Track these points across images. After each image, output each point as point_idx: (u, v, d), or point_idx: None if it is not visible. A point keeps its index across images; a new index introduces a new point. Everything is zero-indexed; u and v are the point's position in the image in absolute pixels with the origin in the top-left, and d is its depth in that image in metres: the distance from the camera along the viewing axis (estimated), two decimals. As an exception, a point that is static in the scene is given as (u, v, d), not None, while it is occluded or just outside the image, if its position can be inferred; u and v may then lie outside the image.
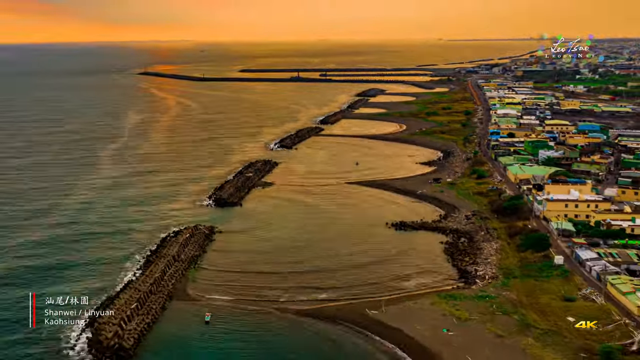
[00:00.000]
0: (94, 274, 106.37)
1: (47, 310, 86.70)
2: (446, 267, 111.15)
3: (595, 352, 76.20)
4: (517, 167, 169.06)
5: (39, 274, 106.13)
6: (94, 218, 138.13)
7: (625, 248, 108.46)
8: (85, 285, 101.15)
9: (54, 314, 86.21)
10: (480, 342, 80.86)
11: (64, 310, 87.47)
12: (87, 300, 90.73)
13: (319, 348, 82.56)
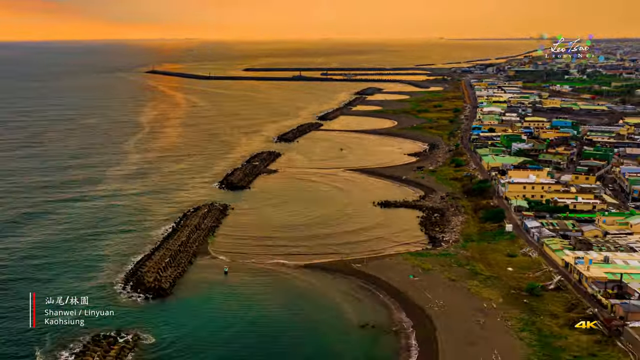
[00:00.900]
0: (132, 238, 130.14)
1: (100, 262, 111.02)
2: (419, 235, 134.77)
3: (523, 289, 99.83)
4: (490, 157, 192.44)
5: (88, 238, 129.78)
6: (127, 198, 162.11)
7: (566, 219, 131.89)
8: (126, 245, 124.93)
9: (104, 265, 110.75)
10: (437, 284, 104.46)
11: (110, 263, 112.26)
12: (130, 258, 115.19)
13: (314, 288, 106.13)
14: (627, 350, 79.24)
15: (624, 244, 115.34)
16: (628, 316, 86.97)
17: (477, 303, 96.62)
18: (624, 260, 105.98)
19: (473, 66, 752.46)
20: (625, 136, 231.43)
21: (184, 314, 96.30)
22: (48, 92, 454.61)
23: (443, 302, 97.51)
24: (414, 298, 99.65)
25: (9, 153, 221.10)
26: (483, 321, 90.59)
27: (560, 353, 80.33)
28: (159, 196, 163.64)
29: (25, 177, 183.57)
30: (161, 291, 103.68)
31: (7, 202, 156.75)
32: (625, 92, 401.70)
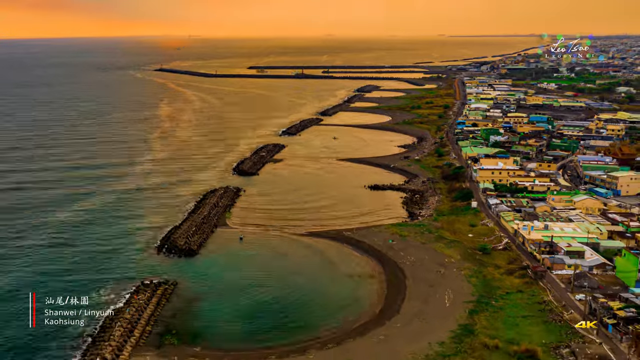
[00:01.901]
0: (163, 213, 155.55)
1: (142, 231, 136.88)
2: (401, 211, 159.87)
3: (477, 249, 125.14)
4: (469, 148, 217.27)
5: (129, 214, 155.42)
6: (154, 182, 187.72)
7: (523, 198, 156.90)
8: (159, 219, 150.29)
9: (145, 233, 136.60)
10: (410, 246, 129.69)
11: (149, 232, 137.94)
12: (164, 228, 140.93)
13: (312, 249, 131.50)
14: (546, 288, 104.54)
15: (565, 216, 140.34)
16: (553, 266, 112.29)
17: (440, 259, 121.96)
18: (560, 227, 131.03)
19: (469, 64, 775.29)
20: (593, 130, 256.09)
21: (209, 267, 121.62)
22: (77, 89, 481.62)
23: (414, 258, 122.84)
24: (391, 256, 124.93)
25: (60, 141, 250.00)
26: (443, 271, 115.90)
27: (496, 290, 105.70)
28: (181, 181, 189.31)
29: (72, 163, 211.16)
30: (191, 251, 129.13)
31: (63, 184, 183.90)
32: (606, 89, 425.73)
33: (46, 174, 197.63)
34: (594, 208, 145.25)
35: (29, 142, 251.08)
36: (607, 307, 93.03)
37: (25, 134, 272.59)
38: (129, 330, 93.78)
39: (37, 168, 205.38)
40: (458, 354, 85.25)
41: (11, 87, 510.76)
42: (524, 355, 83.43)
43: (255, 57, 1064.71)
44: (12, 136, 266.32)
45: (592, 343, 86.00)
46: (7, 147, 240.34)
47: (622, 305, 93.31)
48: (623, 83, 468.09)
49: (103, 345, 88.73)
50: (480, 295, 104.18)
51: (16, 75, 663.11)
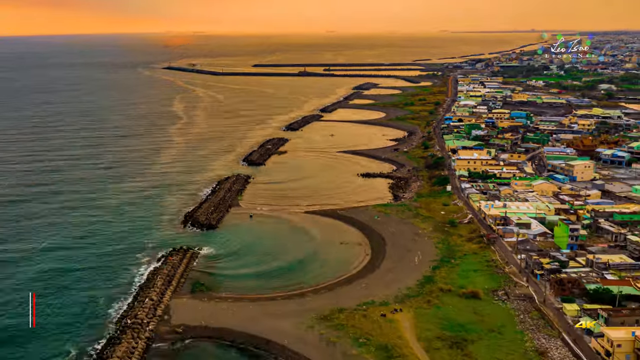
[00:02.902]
0: (185, 196, 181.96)
1: (169, 210, 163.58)
2: (388, 194, 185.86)
3: (444, 222, 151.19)
4: (451, 141, 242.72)
5: (156, 196, 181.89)
6: (176, 170, 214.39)
7: (490, 183, 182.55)
8: (182, 201, 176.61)
9: (172, 211, 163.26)
10: (391, 221, 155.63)
11: (175, 210, 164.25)
12: (186, 208, 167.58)
13: (311, 224, 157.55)
14: (495, 251, 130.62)
15: (523, 197, 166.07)
16: (504, 235, 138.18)
17: (415, 230, 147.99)
18: (517, 206, 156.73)
19: (465, 62, 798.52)
20: (566, 125, 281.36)
21: (226, 238, 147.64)
22: (98, 85, 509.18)
23: (394, 230, 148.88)
24: (375, 228, 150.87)
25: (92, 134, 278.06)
26: (417, 239, 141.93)
27: (456, 252, 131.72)
28: (199, 169, 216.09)
29: (109, 154, 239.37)
30: (211, 226, 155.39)
31: (105, 172, 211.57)
32: (589, 87, 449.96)
33: (97, 164, 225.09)
34: (548, 191, 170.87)
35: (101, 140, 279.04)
36: (539, 262, 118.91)
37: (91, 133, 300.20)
38: (167, 281, 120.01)
39: (90, 154, 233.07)
40: (419, 295, 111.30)
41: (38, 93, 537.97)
42: (469, 295, 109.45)
43: (259, 55, 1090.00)
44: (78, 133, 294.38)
45: (521, 287, 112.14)
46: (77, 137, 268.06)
47: (549, 261, 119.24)
48: (607, 81, 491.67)
49: (149, 291, 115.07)
50: (443, 256, 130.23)
51: (36, 78, 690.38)
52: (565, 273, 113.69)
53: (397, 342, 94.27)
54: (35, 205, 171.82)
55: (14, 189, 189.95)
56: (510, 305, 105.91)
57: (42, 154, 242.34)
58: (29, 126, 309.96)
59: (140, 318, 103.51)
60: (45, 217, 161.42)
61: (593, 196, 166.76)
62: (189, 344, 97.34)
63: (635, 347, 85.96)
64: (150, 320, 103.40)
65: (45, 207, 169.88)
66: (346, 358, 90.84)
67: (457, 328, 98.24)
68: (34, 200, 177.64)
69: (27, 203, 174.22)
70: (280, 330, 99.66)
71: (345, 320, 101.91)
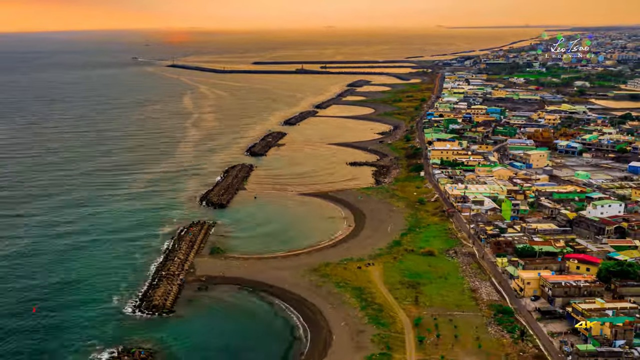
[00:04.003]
0: (199, 181, 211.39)
1: (184, 191, 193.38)
2: (371, 180, 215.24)
3: (415, 201, 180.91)
4: (430, 134, 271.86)
5: (174, 179, 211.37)
6: (189, 160, 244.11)
7: (458, 169, 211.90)
8: (196, 185, 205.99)
9: (187, 193, 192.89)
10: (372, 201, 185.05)
11: (190, 192, 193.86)
12: (200, 191, 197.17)
13: (304, 203, 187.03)
14: (452, 222, 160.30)
15: (483, 181, 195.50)
16: (462, 210, 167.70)
17: (391, 207, 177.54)
18: (476, 188, 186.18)
19: (455, 59, 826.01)
20: (534, 119, 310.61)
21: (235, 214, 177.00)
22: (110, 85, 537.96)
23: (373, 207, 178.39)
24: (358, 206, 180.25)
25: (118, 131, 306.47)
26: (391, 214, 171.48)
27: (421, 223, 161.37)
28: (208, 159, 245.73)
29: (128, 147, 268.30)
30: (222, 205, 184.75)
31: (122, 158, 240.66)
32: (565, 83, 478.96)
33: (120, 154, 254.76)
34: (505, 175, 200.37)
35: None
36: (484, 229, 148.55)
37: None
38: (190, 245, 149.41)
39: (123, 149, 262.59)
40: (388, 254, 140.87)
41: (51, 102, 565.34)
42: (426, 253, 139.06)
43: (259, 52, 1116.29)
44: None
45: (468, 247, 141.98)
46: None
47: (492, 228, 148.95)
48: (583, 78, 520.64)
49: (177, 252, 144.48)
50: (410, 226, 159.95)
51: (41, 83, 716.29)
52: (502, 237, 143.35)
53: (368, 285, 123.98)
54: (81, 186, 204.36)
55: (69, 176, 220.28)
56: (457, 260, 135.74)
57: (75, 148, 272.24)
58: (68, 125, 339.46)
59: (172, 271, 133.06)
60: (90, 193, 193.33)
61: (542, 180, 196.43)
62: (211, 288, 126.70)
63: (540, 284, 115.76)
64: (180, 272, 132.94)
65: (88, 187, 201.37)
66: (329, 295, 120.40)
67: (414, 275, 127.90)
68: (83, 184, 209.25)
69: (76, 182, 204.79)
70: (281, 278, 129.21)
71: (329, 271, 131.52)
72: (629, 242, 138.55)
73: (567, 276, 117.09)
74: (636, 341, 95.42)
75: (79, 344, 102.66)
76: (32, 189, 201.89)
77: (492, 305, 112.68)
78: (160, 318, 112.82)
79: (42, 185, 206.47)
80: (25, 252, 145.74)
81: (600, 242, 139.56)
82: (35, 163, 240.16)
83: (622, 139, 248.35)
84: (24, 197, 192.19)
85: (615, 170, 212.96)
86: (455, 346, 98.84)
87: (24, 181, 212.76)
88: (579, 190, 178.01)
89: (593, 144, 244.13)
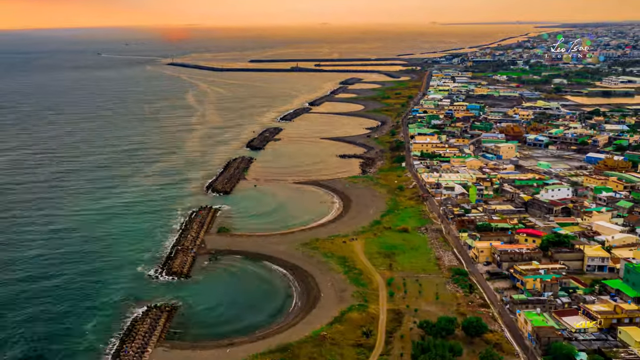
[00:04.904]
0: (204, 171, 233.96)
1: (192, 181, 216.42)
2: (358, 170, 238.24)
3: (395, 187, 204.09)
4: (413, 129, 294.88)
5: (183, 169, 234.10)
6: (193, 153, 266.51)
7: (435, 160, 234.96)
8: (203, 174, 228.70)
9: (195, 182, 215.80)
10: (358, 187, 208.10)
11: (198, 181, 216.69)
12: (207, 180, 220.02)
13: (299, 190, 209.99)
14: (426, 205, 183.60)
15: (456, 170, 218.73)
16: (435, 195, 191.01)
17: (373, 193, 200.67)
18: (449, 176, 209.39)
19: (443, 56, 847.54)
20: (510, 115, 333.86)
21: (238, 200, 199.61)
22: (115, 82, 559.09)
23: (359, 193, 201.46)
24: (345, 192, 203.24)
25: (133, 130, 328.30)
26: (374, 199, 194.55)
27: (399, 206, 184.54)
28: (212, 153, 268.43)
29: (140, 144, 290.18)
30: (226, 192, 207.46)
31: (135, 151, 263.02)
32: (544, 81, 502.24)
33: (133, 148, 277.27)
34: (476, 165, 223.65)
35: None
36: (451, 210, 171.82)
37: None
38: (200, 225, 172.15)
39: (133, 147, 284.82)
40: (369, 231, 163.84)
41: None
42: (401, 230, 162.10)
43: (255, 50, 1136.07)
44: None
45: (437, 225, 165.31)
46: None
47: (458, 209, 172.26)
48: (563, 75, 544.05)
49: (189, 230, 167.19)
50: (390, 209, 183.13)
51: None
52: (467, 216, 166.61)
53: (351, 255, 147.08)
54: (103, 172, 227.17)
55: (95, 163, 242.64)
56: (427, 235, 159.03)
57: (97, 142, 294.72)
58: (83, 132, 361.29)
59: (187, 245, 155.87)
60: (112, 180, 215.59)
61: (508, 169, 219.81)
62: (220, 259, 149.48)
63: (491, 252, 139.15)
64: (193, 246, 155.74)
65: (110, 174, 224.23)
66: (319, 263, 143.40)
67: (390, 247, 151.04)
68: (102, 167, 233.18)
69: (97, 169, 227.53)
70: (278, 250, 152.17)
71: (319, 244, 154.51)
72: (572, 220, 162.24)
73: (514, 245, 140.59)
74: (561, 293, 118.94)
75: (118, 300, 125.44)
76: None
77: (451, 269, 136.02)
78: (179, 281, 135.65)
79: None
80: (70, 227, 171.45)
81: (548, 220, 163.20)
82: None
83: (585, 133, 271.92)
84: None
85: (575, 160, 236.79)
86: (419, 299, 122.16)
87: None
88: (538, 178, 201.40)
89: (559, 138, 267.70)
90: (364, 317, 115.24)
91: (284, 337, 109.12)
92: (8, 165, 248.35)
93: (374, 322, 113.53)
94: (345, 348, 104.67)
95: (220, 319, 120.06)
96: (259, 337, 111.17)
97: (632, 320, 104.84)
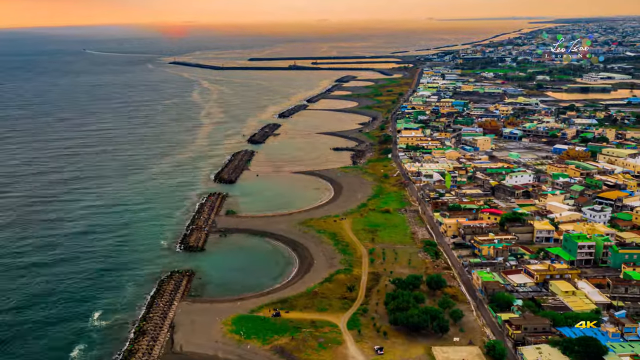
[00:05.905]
0: (211, 163, 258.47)
1: (201, 171, 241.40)
2: (349, 161, 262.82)
3: (381, 176, 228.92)
4: (400, 124, 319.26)
5: (192, 162, 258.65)
6: (201, 147, 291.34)
7: (418, 152, 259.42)
8: (210, 165, 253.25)
9: (204, 172, 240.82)
10: (348, 176, 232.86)
11: (206, 172, 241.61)
12: (214, 171, 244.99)
13: (297, 179, 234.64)
14: (407, 190, 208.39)
15: (436, 160, 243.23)
16: (415, 182, 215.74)
17: (362, 181, 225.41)
18: (429, 165, 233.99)
19: (436, 54, 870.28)
20: (491, 111, 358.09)
21: (242, 187, 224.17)
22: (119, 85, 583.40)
23: (349, 181, 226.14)
24: (338, 180, 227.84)
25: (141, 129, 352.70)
26: (362, 186, 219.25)
27: (384, 191, 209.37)
28: (217, 146, 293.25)
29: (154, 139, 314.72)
30: (232, 181, 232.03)
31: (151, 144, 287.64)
32: (528, 78, 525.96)
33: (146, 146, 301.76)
34: (454, 156, 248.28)
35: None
36: (428, 194, 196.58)
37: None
38: (211, 209, 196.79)
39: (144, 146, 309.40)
40: (357, 212, 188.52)
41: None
42: (384, 211, 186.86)
43: (255, 49, 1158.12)
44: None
45: (415, 206, 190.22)
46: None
47: (434, 193, 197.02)
48: (546, 72, 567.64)
49: (202, 213, 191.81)
50: (375, 194, 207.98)
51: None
52: (441, 199, 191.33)
53: (340, 231, 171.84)
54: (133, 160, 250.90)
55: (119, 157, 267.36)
56: (405, 215, 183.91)
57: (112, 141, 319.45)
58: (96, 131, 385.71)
59: (200, 225, 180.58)
60: (129, 172, 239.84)
61: (483, 159, 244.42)
62: (229, 236, 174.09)
63: (457, 227, 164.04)
64: (205, 225, 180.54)
65: (124, 167, 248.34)
66: (313, 238, 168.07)
67: (373, 225, 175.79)
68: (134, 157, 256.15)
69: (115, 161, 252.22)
70: (278, 228, 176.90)
71: (313, 223, 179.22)
72: (530, 201, 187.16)
73: (476, 221, 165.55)
74: (511, 258, 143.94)
75: (147, 267, 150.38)
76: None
77: (423, 241, 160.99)
78: (195, 253, 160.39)
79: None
80: (108, 203, 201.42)
81: (510, 201, 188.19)
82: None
83: (556, 126, 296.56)
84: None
85: (543, 151, 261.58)
86: (394, 264, 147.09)
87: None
88: (507, 166, 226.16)
89: (532, 131, 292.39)
90: (349, 278, 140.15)
91: (284, 293, 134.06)
92: (57, 153, 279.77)
93: (357, 281, 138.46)
94: (333, 300, 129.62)
95: (231, 282, 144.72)
96: (263, 293, 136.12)
97: (562, 276, 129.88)
